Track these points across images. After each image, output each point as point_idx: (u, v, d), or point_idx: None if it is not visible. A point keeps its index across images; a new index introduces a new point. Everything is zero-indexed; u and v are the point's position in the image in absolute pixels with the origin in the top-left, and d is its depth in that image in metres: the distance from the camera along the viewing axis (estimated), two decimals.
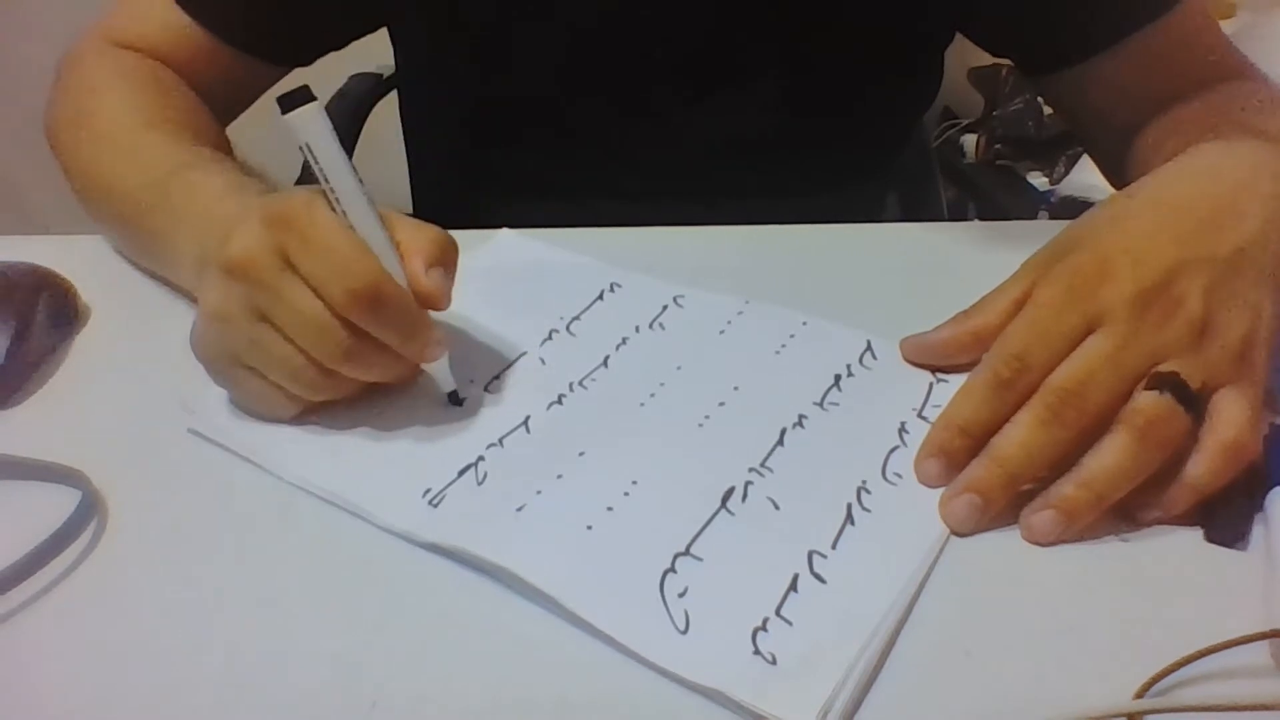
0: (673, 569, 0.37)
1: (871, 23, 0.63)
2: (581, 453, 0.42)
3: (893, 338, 0.48)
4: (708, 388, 0.46)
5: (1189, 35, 0.61)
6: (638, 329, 0.50)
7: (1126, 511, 0.39)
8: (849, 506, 0.40)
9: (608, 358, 0.48)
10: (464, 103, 0.68)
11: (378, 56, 0.78)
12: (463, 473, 0.41)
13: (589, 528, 0.39)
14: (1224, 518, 0.39)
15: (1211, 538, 0.38)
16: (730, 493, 0.40)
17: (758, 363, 0.48)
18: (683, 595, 0.36)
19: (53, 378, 0.49)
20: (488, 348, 0.49)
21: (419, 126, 0.79)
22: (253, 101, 0.68)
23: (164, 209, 0.50)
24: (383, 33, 0.70)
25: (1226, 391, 0.39)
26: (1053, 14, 0.62)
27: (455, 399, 0.45)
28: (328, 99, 0.95)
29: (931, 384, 0.46)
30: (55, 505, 0.39)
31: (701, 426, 0.44)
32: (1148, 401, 0.38)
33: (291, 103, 0.40)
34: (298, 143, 0.40)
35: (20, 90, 0.98)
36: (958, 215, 1.47)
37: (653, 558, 0.37)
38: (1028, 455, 0.39)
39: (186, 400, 0.45)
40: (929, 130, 1.33)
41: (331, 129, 0.40)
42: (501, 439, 0.43)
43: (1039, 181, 1.59)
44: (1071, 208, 1.44)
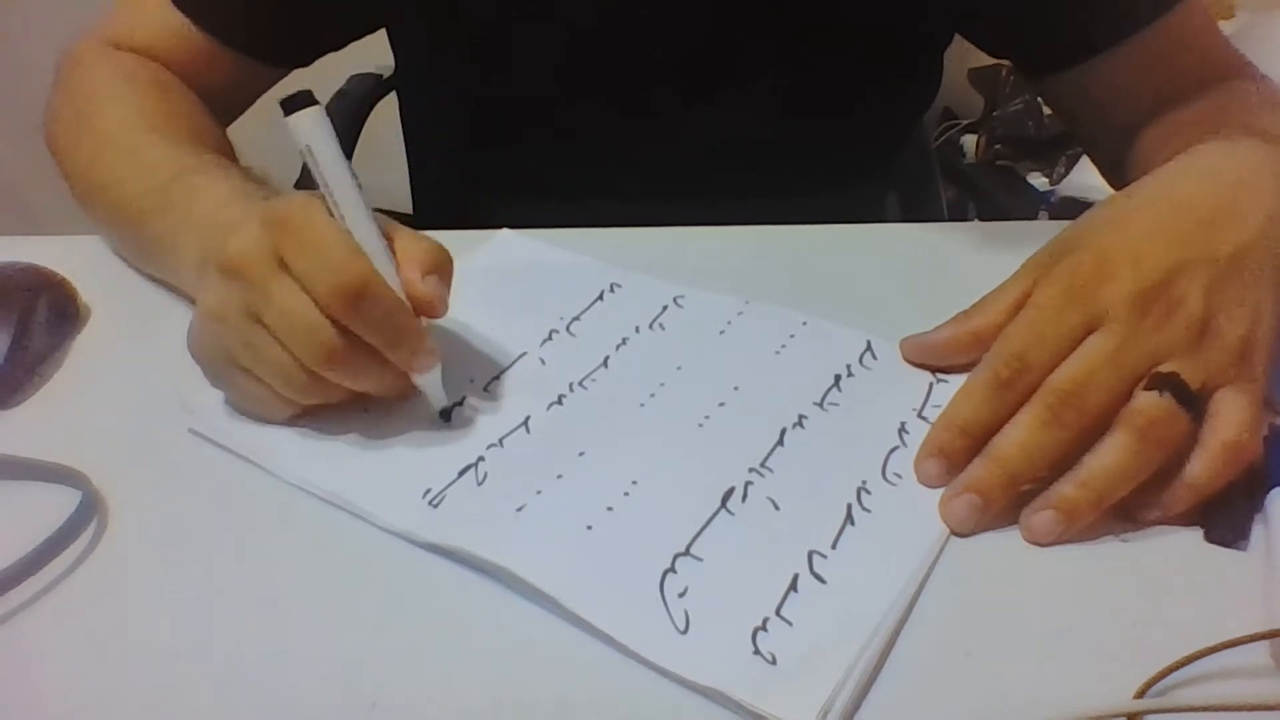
0: (673, 569, 0.37)
1: (871, 23, 0.63)
2: (581, 453, 0.42)
3: (893, 338, 0.48)
4: (708, 388, 0.46)
5: (1188, 36, 0.61)
6: (638, 329, 0.50)
7: (1126, 511, 0.39)
8: (849, 506, 0.40)
9: (608, 358, 0.48)
10: (464, 103, 0.68)
11: (378, 56, 0.78)
12: (463, 473, 0.41)
13: (589, 528, 0.39)
14: (1224, 518, 0.39)
15: (1211, 538, 0.38)
16: (730, 493, 0.40)
17: (758, 363, 0.48)
18: (683, 595, 0.36)
19: (53, 378, 0.49)
20: (488, 348, 0.49)
21: (419, 127, 0.79)
22: (252, 102, 0.68)
23: (167, 213, 0.50)
24: (382, 33, 0.70)
25: (1226, 392, 0.39)
26: (1052, 14, 0.62)
27: (445, 416, 0.44)
28: (328, 99, 0.95)
29: (931, 384, 0.46)
30: (55, 505, 0.39)
31: (701, 427, 0.44)
32: (1148, 402, 0.38)
33: (294, 105, 0.40)
34: (298, 145, 0.40)
35: (20, 90, 0.98)
36: (958, 215, 1.48)
37: (653, 558, 0.37)
38: (1028, 455, 0.39)
39: (186, 400, 0.45)
40: (929, 130, 1.33)
41: (333, 133, 0.41)
42: (501, 439, 0.43)
43: (1039, 181, 1.59)
44: (1071, 208, 1.44)
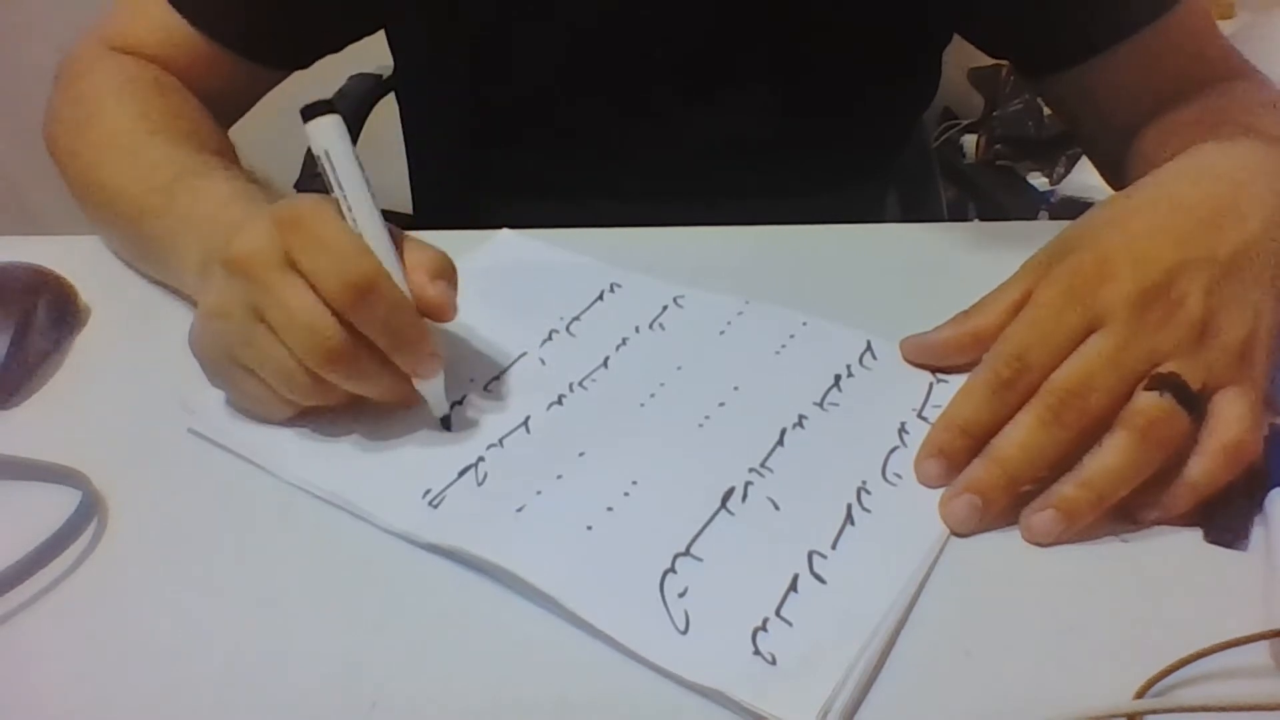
0: (673, 569, 0.37)
1: (871, 23, 0.63)
2: (581, 453, 0.42)
3: (893, 338, 0.48)
4: (708, 388, 0.46)
5: (1188, 36, 0.61)
6: (638, 329, 0.50)
7: (1126, 511, 0.39)
8: (849, 507, 0.40)
9: (608, 358, 0.48)
10: (464, 103, 0.68)
11: (377, 57, 0.78)
12: (463, 473, 0.41)
13: (589, 528, 0.39)
14: (1224, 518, 0.39)
15: (1211, 538, 0.38)
16: (730, 493, 0.40)
17: (758, 363, 0.48)
18: (683, 595, 0.36)
19: (53, 378, 0.49)
20: (488, 348, 0.49)
21: (419, 127, 0.79)
22: (253, 104, 0.68)
23: (169, 214, 0.50)
24: (382, 33, 0.70)
25: (1227, 392, 0.39)
26: (1052, 15, 0.62)
27: (446, 424, 0.44)
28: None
29: (931, 384, 0.46)
30: (55, 505, 0.39)
31: (701, 427, 0.44)
32: (1148, 402, 0.38)
33: (314, 112, 0.41)
34: (317, 151, 0.41)
35: (20, 90, 0.98)
36: (958, 215, 1.47)
37: (653, 558, 0.37)
38: (1028, 456, 0.39)
39: (186, 400, 0.45)
40: (929, 130, 1.33)
41: (349, 140, 0.42)
42: (501, 439, 0.43)
43: (1039, 181, 1.59)
44: (1071, 208, 1.44)
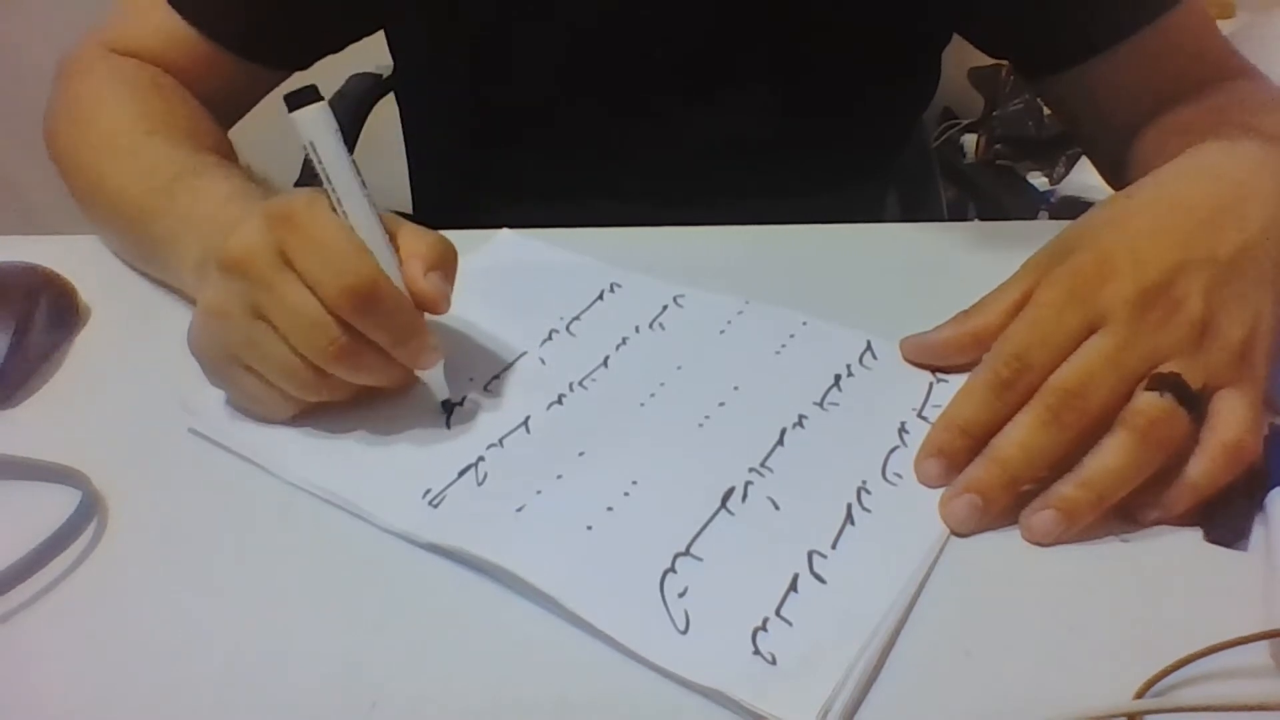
0: (673, 569, 0.37)
1: (871, 23, 0.63)
2: (581, 453, 0.42)
3: (893, 338, 0.48)
4: (708, 388, 0.46)
5: (1188, 36, 0.61)
6: (638, 329, 0.50)
7: (1126, 511, 0.39)
8: (849, 506, 0.40)
9: (608, 358, 0.48)
10: (463, 104, 0.68)
11: (377, 56, 0.78)
12: (463, 473, 0.41)
13: (589, 528, 0.39)
14: (1224, 518, 0.39)
15: (1211, 538, 0.38)
16: (730, 493, 0.40)
17: (758, 363, 0.48)
18: (683, 595, 0.36)
19: (53, 378, 0.49)
20: (487, 347, 0.49)
21: (418, 128, 0.79)
22: (253, 105, 0.68)
23: (168, 214, 0.50)
24: (382, 33, 0.70)
25: (1227, 392, 0.39)
26: (1052, 15, 0.62)
27: (448, 408, 0.44)
28: (327, 99, 0.95)
29: (931, 384, 0.46)
30: (55, 505, 0.39)
31: (701, 426, 0.44)
32: (1148, 402, 0.38)
33: (298, 101, 0.40)
34: (302, 141, 0.40)
35: (20, 90, 0.98)
36: (958, 215, 1.47)
37: (653, 558, 0.37)
38: (1028, 456, 0.39)
39: (186, 400, 0.45)
40: (929, 130, 1.33)
41: (337, 129, 0.41)
42: (501, 439, 0.43)
43: (1039, 181, 1.59)
44: (1071, 208, 1.44)
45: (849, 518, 0.39)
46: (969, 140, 1.68)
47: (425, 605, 0.37)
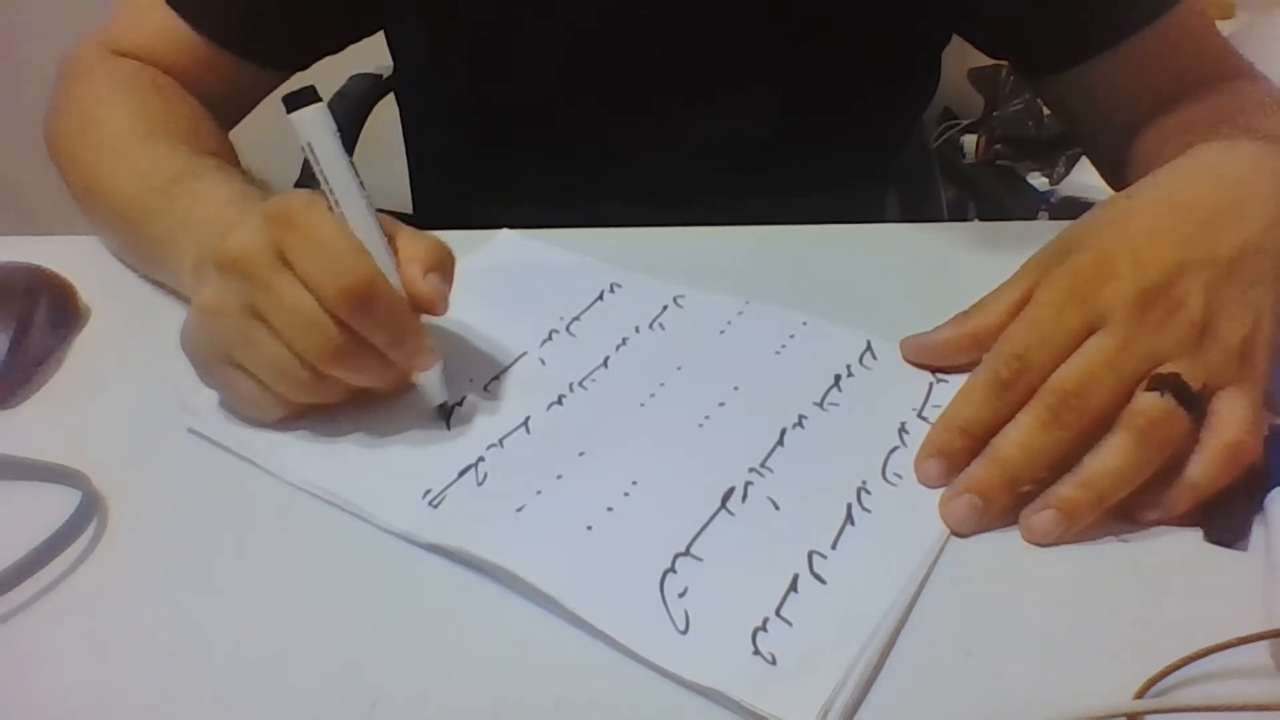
0: (673, 569, 0.37)
1: (871, 23, 0.63)
2: (581, 453, 0.42)
3: (893, 338, 0.48)
4: (708, 388, 0.46)
5: (1187, 36, 0.61)
6: (638, 329, 0.50)
7: (1126, 511, 0.39)
8: (849, 507, 0.40)
9: (608, 358, 0.48)
10: (464, 104, 0.68)
11: (377, 57, 0.78)
12: (463, 473, 0.41)
13: (589, 528, 0.39)
14: (1224, 518, 0.39)
15: (1211, 538, 0.38)
16: (730, 493, 0.40)
17: (758, 363, 0.48)
18: (683, 595, 0.36)
19: (53, 378, 0.49)
20: (487, 348, 0.49)
21: (418, 128, 0.79)
22: (254, 106, 0.68)
23: (167, 216, 0.50)
24: (381, 33, 0.70)
25: (1227, 392, 0.39)
26: (1052, 15, 0.62)
27: (444, 412, 0.44)
28: (327, 99, 0.95)
29: (931, 384, 0.46)
30: (55, 505, 0.39)
31: (701, 427, 0.44)
32: (1148, 402, 0.38)
33: (296, 102, 0.40)
34: (300, 142, 0.40)
35: (20, 90, 0.98)
36: (958, 215, 1.47)
37: (653, 558, 0.37)
38: (1028, 456, 0.39)
39: (186, 400, 0.45)
40: (929, 130, 1.33)
41: (335, 130, 0.41)
42: (501, 439, 0.43)
43: (1039, 181, 1.59)
44: (1071, 208, 1.44)
45: (849, 518, 0.39)
46: (969, 140, 1.68)
47: (425, 605, 0.37)
